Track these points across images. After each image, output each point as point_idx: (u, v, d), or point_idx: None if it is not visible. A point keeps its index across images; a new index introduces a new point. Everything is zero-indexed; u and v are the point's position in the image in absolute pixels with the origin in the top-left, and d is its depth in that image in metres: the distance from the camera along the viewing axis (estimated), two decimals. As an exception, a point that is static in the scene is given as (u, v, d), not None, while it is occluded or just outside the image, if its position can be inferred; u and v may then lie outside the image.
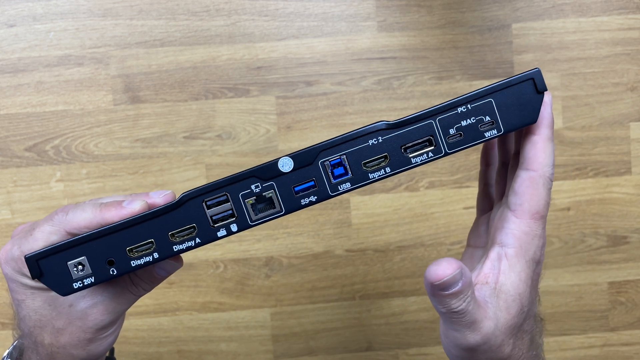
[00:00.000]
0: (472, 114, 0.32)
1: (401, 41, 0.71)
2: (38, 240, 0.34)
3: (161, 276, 0.37)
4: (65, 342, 0.36)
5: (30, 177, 0.69)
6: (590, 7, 0.71)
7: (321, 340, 0.73)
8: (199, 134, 0.70)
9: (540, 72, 0.32)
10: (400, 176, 0.72)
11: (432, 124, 0.32)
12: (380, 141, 0.32)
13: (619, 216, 0.73)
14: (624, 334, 0.74)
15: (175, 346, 0.72)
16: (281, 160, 0.32)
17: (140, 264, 0.33)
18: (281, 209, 0.33)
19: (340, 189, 0.32)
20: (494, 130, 0.32)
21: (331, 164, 0.32)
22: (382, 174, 0.32)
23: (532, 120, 0.32)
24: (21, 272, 0.35)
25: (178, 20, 0.69)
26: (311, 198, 0.32)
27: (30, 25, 0.69)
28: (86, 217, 0.34)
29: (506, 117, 0.32)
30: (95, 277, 0.33)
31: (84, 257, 0.32)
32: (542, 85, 0.32)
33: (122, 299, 0.37)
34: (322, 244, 0.72)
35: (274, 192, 0.32)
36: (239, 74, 0.70)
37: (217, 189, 0.32)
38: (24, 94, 0.69)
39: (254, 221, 0.33)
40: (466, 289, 0.31)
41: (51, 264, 0.32)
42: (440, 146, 0.32)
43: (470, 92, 0.32)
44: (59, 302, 0.36)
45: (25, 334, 0.37)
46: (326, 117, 0.71)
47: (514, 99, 0.32)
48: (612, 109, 0.72)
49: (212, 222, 0.33)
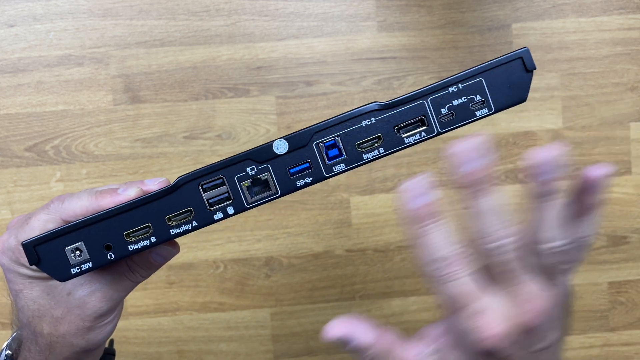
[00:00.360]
0: (463, 93, 0.33)
1: (401, 41, 0.71)
2: (34, 229, 0.34)
3: (158, 262, 0.37)
4: (64, 331, 0.36)
5: (30, 177, 0.69)
6: (590, 7, 0.71)
7: (321, 340, 0.73)
8: (199, 134, 0.70)
9: (528, 51, 0.32)
10: (401, 176, 0.72)
11: (424, 104, 0.33)
12: (374, 122, 0.33)
13: (619, 216, 0.73)
14: (624, 334, 0.74)
15: (175, 346, 0.72)
16: (276, 142, 0.33)
17: (137, 248, 0.33)
18: (277, 190, 0.33)
19: (335, 170, 0.33)
20: (485, 109, 0.33)
21: (325, 146, 0.33)
22: (376, 154, 0.33)
23: (521, 99, 0.33)
24: (18, 261, 0.35)
25: (178, 20, 0.69)
26: (306, 179, 0.33)
27: (30, 25, 0.69)
28: (82, 204, 0.34)
29: (496, 96, 0.33)
30: (93, 262, 0.33)
31: (81, 242, 0.33)
32: (531, 64, 0.33)
33: (119, 286, 0.37)
34: (322, 244, 0.72)
35: (269, 174, 0.33)
36: (239, 74, 0.70)
37: (213, 172, 0.33)
38: (24, 94, 0.69)
39: (250, 203, 0.33)
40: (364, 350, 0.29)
41: (48, 250, 0.33)
42: (433, 126, 0.33)
43: (461, 72, 0.33)
44: (57, 291, 0.36)
45: (24, 325, 0.37)
46: (326, 117, 0.71)
47: (504, 78, 0.33)
48: (612, 109, 0.72)
49: (208, 205, 0.33)
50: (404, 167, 0.72)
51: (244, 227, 0.71)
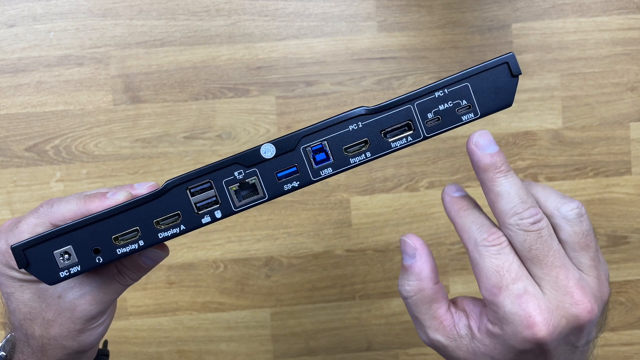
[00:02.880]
0: (449, 98, 0.33)
1: (401, 41, 0.71)
2: (23, 233, 0.35)
3: (147, 265, 0.38)
4: (55, 333, 0.36)
5: (30, 177, 0.69)
6: (590, 7, 0.71)
7: (321, 340, 0.73)
8: (199, 134, 0.70)
9: (514, 56, 0.33)
10: (401, 176, 0.72)
11: (410, 109, 0.33)
12: (361, 126, 0.33)
13: (619, 216, 0.73)
14: (624, 334, 0.74)
15: (175, 346, 0.72)
16: (263, 146, 0.33)
17: (125, 251, 0.33)
18: (264, 194, 0.33)
19: (322, 174, 0.33)
20: (471, 114, 0.33)
21: (313, 150, 0.33)
22: (362, 159, 0.33)
23: (507, 104, 0.33)
24: (9, 265, 0.35)
25: (178, 20, 0.69)
26: (294, 183, 0.33)
27: (30, 25, 0.69)
28: (70, 208, 0.34)
29: (482, 101, 0.33)
30: (82, 266, 0.33)
31: (69, 246, 0.33)
32: (517, 69, 0.33)
33: (109, 289, 0.37)
34: (322, 244, 0.72)
35: (257, 178, 0.33)
36: (239, 74, 0.70)
37: (201, 176, 0.33)
38: (24, 94, 0.69)
39: (238, 207, 0.33)
40: (412, 277, 0.33)
41: (37, 253, 0.33)
42: (419, 130, 0.33)
43: (447, 77, 0.33)
44: (47, 294, 0.36)
45: (16, 327, 0.38)
46: (326, 117, 0.71)
47: (490, 83, 0.33)
48: (612, 109, 0.72)
49: (196, 209, 0.33)
50: (404, 167, 0.72)
51: (244, 227, 0.71)
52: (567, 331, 0.30)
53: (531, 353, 0.30)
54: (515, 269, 0.30)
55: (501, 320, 0.30)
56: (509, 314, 0.29)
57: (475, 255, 0.31)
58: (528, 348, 0.29)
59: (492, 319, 0.30)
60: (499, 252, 0.30)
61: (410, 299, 0.33)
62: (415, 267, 0.33)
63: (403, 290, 0.34)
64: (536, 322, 0.29)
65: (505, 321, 0.29)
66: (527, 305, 0.29)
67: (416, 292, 0.33)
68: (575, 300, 0.29)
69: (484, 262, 0.30)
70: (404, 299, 0.34)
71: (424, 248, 0.34)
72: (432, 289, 0.33)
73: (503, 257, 0.30)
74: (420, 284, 0.33)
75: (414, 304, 0.33)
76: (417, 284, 0.33)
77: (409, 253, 0.34)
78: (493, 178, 0.31)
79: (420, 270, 0.33)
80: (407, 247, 0.34)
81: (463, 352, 0.32)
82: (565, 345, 0.30)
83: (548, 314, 0.29)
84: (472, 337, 0.32)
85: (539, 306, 0.29)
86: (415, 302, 0.33)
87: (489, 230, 0.31)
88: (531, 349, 0.29)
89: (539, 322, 0.29)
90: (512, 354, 0.30)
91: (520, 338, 0.29)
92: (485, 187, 0.32)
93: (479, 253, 0.30)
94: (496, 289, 0.30)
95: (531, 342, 0.29)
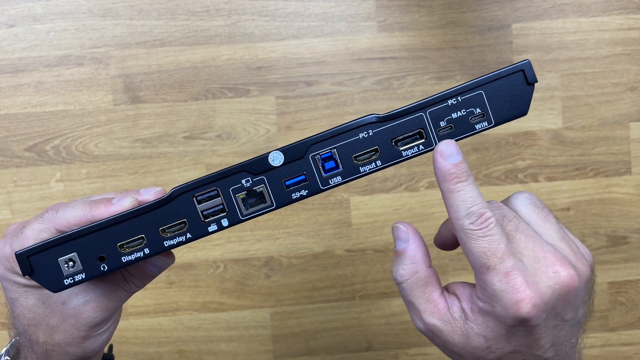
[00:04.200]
0: (462, 106, 0.32)
1: (401, 41, 0.71)
2: (28, 238, 0.34)
3: (153, 272, 0.37)
4: (59, 339, 0.36)
5: (30, 177, 0.69)
6: (590, 7, 0.71)
7: (321, 340, 0.73)
8: (199, 134, 0.70)
9: (530, 63, 0.32)
10: (401, 176, 0.72)
11: (422, 117, 0.32)
12: (371, 134, 0.32)
13: (619, 216, 0.73)
14: (624, 334, 0.74)
15: (175, 346, 0.72)
16: (272, 154, 0.32)
17: (131, 259, 0.32)
18: (272, 203, 0.32)
19: (331, 183, 0.32)
20: (485, 122, 0.32)
21: (322, 158, 0.32)
22: (372, 167, 0.32)
23: (522, 113, 0.33)
24: (13, 270, 0.35)
25: (178, 20, 0.69)
26: (302, 192, 0.32)
27: (30, 25, 0.69)
28: (76, 214, 0.34)
29: (497, 109, 0.32)
30: (86, 273, 0.32)
31: (74, 253, 0.32)
32: (533, 77, 0.32)
33: (114, 296, 0.37)
34: (322, 244, 0.72)
35: (264, 186, 0.32)
36: (239, 74, 0.70)
37: (208, 183, 0.32)
38: (24, 94, 0.69)
39: (245, 216, 0.33)
40: (405, 260, 0.34)
41: (42, 260, 0.32)
42: (431, 139, 0.32)
43: (461, 84, 0.32)
44: (52, 300, 0.36)
45: (20, 332, 0.37)
46: (326, 117, 0.71)
47: (505, 91, 0.32)
48: (612, 109, 0.72)
49: (202, 217, 0.32)
50: (404, 167, 0.72)
51: (244, 227, 0.71)
52: (553, 301, 0.31)
53: (522, 328, 0.31)
54: (502, 248, 0.30)
55: (491, 297, 0.31)
56: (498, 291, 0.30)
57: (462, 235, 0.31)
58: (518, 323, 0.30)
59: (482, 297, 0.31)
60: (485, 234, 0.31)
61: (405, 283, 0.34)
62: (409, 251, 0.33)
63: (398, 275, 0.34)
64: (524, 296, 0.30)
65: (495, 298, 0.30)
66: (515, 282, 0.30)
67: (411, 275, 0.33)
68: (555, 269, 0.31)
69: (471, 244, 0.31)
70: (399, 284, 0.34)
71: (416, 232, 0.34)
72: (426, 272, 0.33)
73: (489, 239, 0.30)
74: (415, 266, 0.33)
75: (409, 288, 0.34)
76: (412, 267, 0.33)
77: (401, 238, 0.34)
78: (451, 188, 0.32)
79: (414, 253, 0.33)
80: (400, 232, 0.34)
81: (458, 335, 0.32)
82: (554, 319, 0.31)
83: (534, 287, 0.30)
84: (466, 318, 0.32)
85: (526, 281, 0.30)
86: (410, 285, 0.33)
87: (477, 212, 0.31)
88: (521, 323, 0.30)
89: (527, 296, 0.30)
90: (504, 330, 0.31)
91: (511, 313, 0.30)
92: (444, 195, 0.32)
93: (465, 235, 0.31)
94: (484, 267, 0.30)
95: (521, 316, 0.30)
